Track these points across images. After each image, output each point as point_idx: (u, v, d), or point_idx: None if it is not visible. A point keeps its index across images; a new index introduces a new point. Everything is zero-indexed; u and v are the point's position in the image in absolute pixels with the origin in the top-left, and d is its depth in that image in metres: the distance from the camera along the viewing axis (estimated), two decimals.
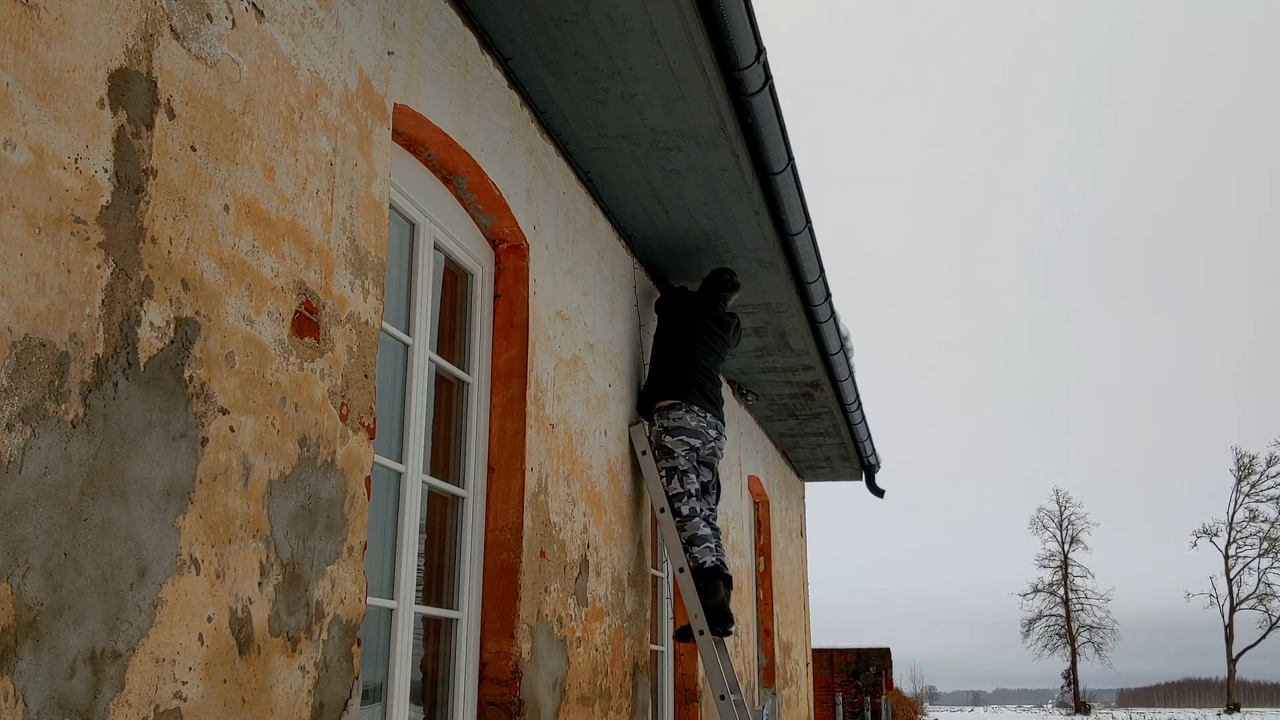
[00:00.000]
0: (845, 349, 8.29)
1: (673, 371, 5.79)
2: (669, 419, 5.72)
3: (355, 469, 3.03)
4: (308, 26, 2.93)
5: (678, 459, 5.70)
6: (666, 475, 5.72)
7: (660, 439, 5.73)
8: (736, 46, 4.32)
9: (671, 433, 5.71)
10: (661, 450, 5.74)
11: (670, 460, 5.71)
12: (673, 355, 5.83)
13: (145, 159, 2.29)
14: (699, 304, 5.98)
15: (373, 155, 3.23)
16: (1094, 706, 61.74)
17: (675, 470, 5.70)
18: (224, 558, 2.48)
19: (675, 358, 5.82)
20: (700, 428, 5.77)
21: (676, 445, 5.70)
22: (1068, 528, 61.18)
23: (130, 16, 2.26)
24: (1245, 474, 56.60)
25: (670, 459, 5.71)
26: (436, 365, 4.08)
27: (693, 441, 5.73)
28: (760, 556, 10.46)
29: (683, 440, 5.71)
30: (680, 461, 5.70)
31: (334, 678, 2.87)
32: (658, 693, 6.70)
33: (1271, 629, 55.39)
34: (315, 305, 2.88)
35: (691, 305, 5.96)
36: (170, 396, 2.33)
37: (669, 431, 5.72)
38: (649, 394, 5.84)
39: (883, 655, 22.17)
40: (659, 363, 5.87)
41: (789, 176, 5.38)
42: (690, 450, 5.73)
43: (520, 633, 4.20)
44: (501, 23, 4.02)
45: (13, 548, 1.92)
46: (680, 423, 5.72)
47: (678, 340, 5.87)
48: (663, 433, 5.72)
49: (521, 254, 4.55)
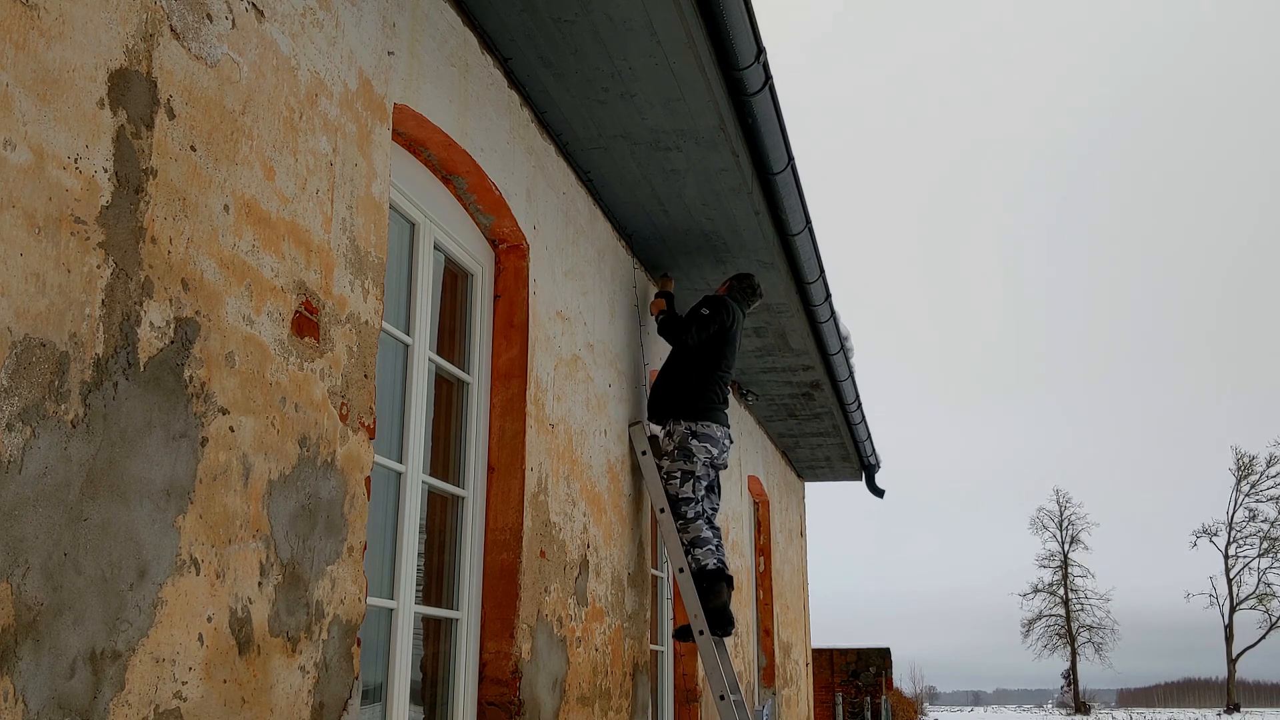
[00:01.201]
0: (845, 349, 8.29)
1: (705, 389, 5.82)
2: (698, 425, 5.77)
3: (355, 469, 3.03)
4: (308, 26, 2.93)
5: (696, 464, 5.74)
6: (681, 477, 5.73)
7: (685, 440, 5.75)
8: (736, 46, 4.32)
9: (699, 437, 5.76)
10: (683, 452, 5.75)
11: (689, 464, 5.74)
12: (705, 371, 5.85)
13: (145, 159, 2.29)
14: (734, 315, 5.94)
15: (373, 155, 3.23)
16: (1094, 706, 61.71)
17: (691, 475, 5.73)
18: (224, 558, 2.48)
19: (707, 373, 5.85)
20: (719, 437, 5.85)
21: (700, 450, 5.75)
22: (1068, 528, 61.15)
23: (130, 16, 2.26)
24: (1245, 474, 56.56)
25: (689, 462, 5.74)
26: (436, 365, 4.08)
27: (713, 450, 5.81)
28: (760, 557, 10.45)
29: (706, 447, 5.77)
30: (698, 467, 5.75)
31: (334, 678, 2.87)
32: (658, 693, 6.70)
33: (1271, 629, 55.35)
34: (315, 305, 2.88)
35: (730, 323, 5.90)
36: (170, 396, 2.33)
37: (696, 436, 5.76)
38: (677, 404, 5.81)
39: (883, 655, 22.16)
40: (690, 376, 5.85)
41: (789, 176, 5.38)
42: (709, 457, 5.80)
43: (520, 633, 4.20)
44: (501, 23, 4.02)
45: (13, 548, 1.92)
46: (708, 430, 5.79)
47: (712, 356, 5.88)
48: (689, 435, 5.76)
49: (521, 254, 4.55)
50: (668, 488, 5.76)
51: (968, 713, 70.52)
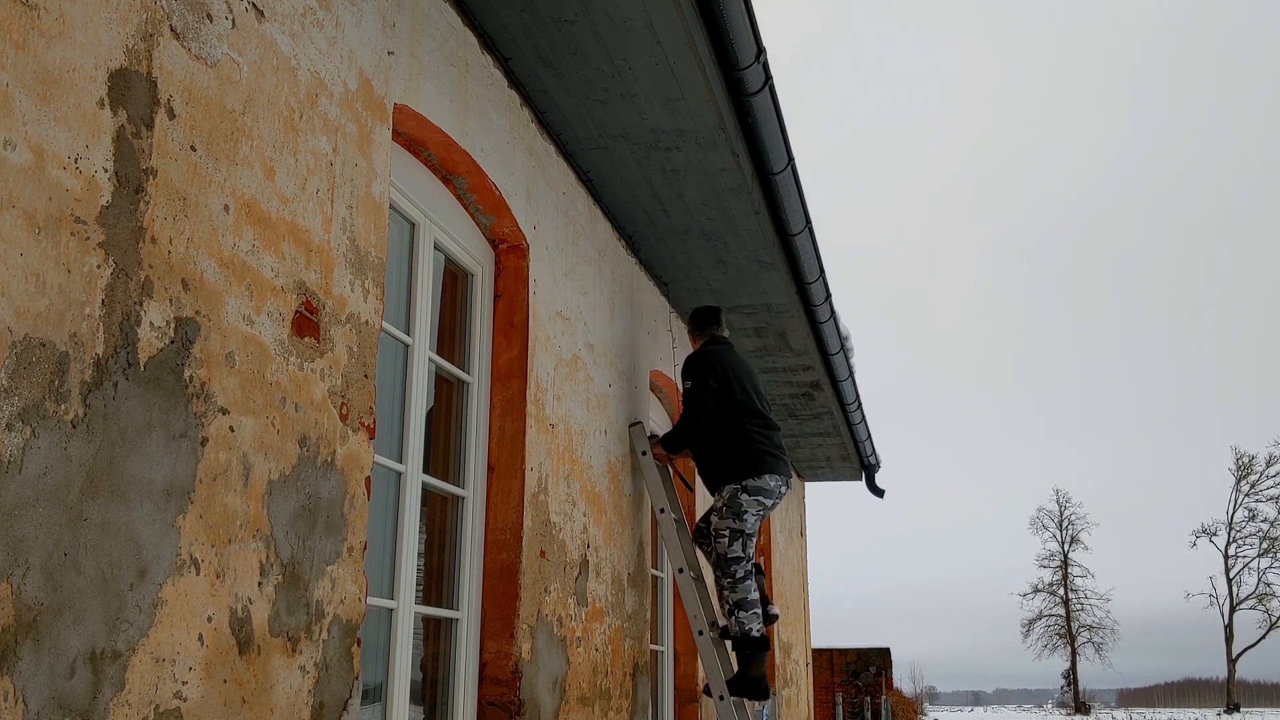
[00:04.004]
0: (845, 349, 8.29)
1: (745, 442, 5.50)
2: (748, 480, 5.47)
3: (355, 469, 3.03)
4: (308, 26, 2.93)
5: (746, 521, 5.45)
6: (730, 535, 5.44)
7: (736, 496, 5.46)
8: (736, 46, 4.32)
9: (750, 491, 5.46)
10: (732, 509, 5.46)
11: (738, 521, 5.44)
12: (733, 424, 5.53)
13: (145, 159, 2.29)
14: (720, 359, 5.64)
15: (373, 155, 3.23)
16: (1094, 706, 61.73)
17: (741, 534, 5.44)
18: (224, 558, 2.48)
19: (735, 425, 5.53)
20: (773, 487, 5.54)
21: (751, 505, 5.47)
22: (1068, 528, 61.18)
23: (130, 16, 2.26)
24: (1245, 474, 56.60)
25: (739, 520, 5.44)
26: (436, 365, 4.08)
27: (766, 502, 5.52)
28: (760, 557, 10.46)
29: (759, 500, 5.48)
30: (748, 524, 5.46)
31: (334, 678, 2.87)
32: (658, 693, 6.70)
33: (1271, 629, 55.38)
34: (315, 305, 2.88)
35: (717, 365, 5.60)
36: (170, 396, 2.33)
37: (747, 490, 5.46)
38: (725, 470, 5.51)
39: (883, 655, 22.18)
40: (722, 437, 5.54)
41: (789, 176, 5.38)
42: (761, 510, 5.52)
43: (520, 633, 4.20)
44: (501, 23, 4.02)
45: (13, 548, 1.92)
46: (760, 483, 5.48)
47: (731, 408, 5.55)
48: (740, 490, 5.46)
49: (521, 254, 4.55)
50: (715, 545, 5.47)
51: (968, 713, 70.53)
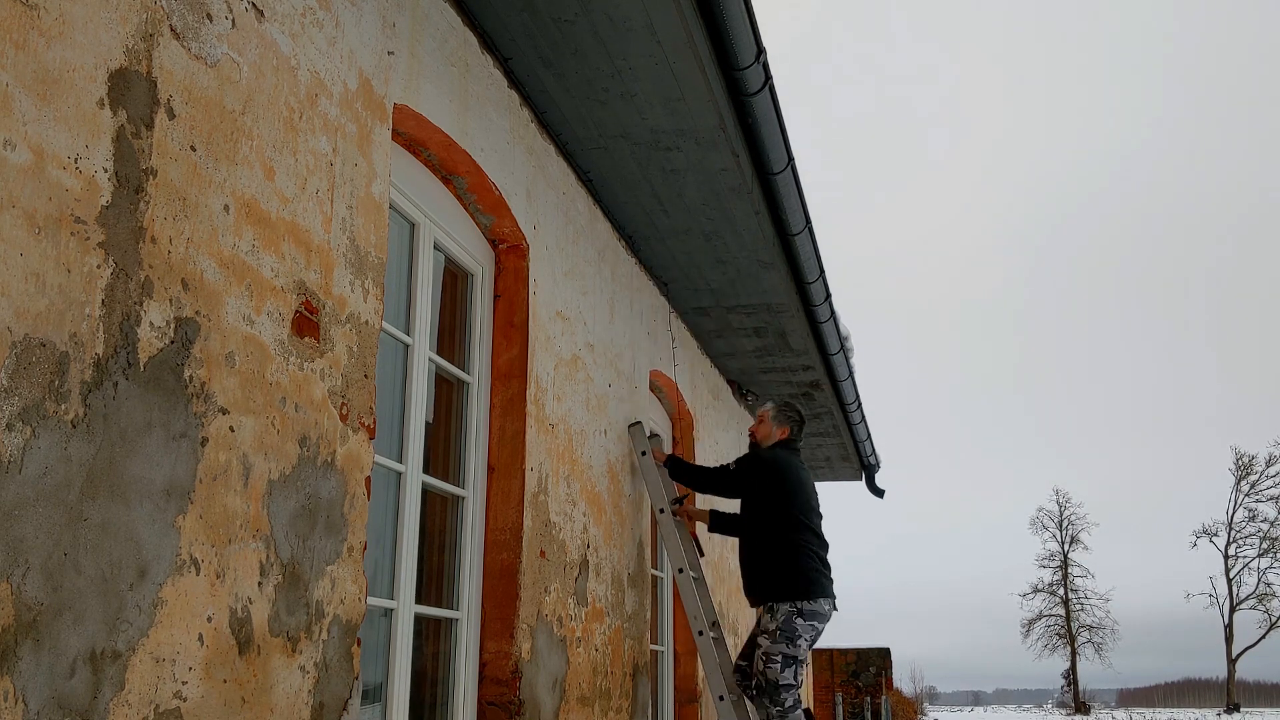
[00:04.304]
0: (845, 349, 8.29)
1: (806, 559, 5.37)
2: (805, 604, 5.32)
3: (355, 469, 3.03)
4: (308, 26, 2.93)
5: (799, 646, 5.28)
6: (782, 661, 5.24)
7: (791, 620, 5.29)
8: (736, 46, 4.32)
9: (806, 615, 5.31)
10: (786, 633, 5.28)
11: (791, 647, 5.26)
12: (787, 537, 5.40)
13: (145, 159, 2.29)
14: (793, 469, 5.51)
15: (373, 155, 3.23)
16: (1094, 706, 61.67)
17: (794, 660, 5.26)
18: (224, 558, 2.48)
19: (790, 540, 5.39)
20: (827, 610, 5.41)
21: (806, 630, 5.31)
22: (1067, 528, 61.12)
23: (130, 16, 2.26)
24: (1245, 474, 56.53)
25: (792, 645, 5.26)
26: (436, 365, 4.08)
27: (819, 626, 5.38)
28: None
29: (813, 625, 5.33)
30: (801, 650, 5.29)
31: (334, 678, 2.87)
32: (658, 693, 6.70)
33: (1271, 629, 55.32)
34: (315, 305, 2.88)
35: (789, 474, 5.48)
36: (170, 396, 2.33)
37: (803, 614, 5.30)
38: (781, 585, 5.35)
39: (883, 655, 22.18)
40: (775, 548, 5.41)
41: (789, 176, 5.38)
42: (814, 635, 5.37)
43: (520, 633, 4.20)
44: (501, 23, 4.02)
45: (13, 548, 1.92)
46: (815, 607, 5.33)
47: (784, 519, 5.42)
48: (795, 614, 5.29)
49: (521, 254, 4.55)
50: (766, 671, 5.26)
51: (968, 713, 70.51)
